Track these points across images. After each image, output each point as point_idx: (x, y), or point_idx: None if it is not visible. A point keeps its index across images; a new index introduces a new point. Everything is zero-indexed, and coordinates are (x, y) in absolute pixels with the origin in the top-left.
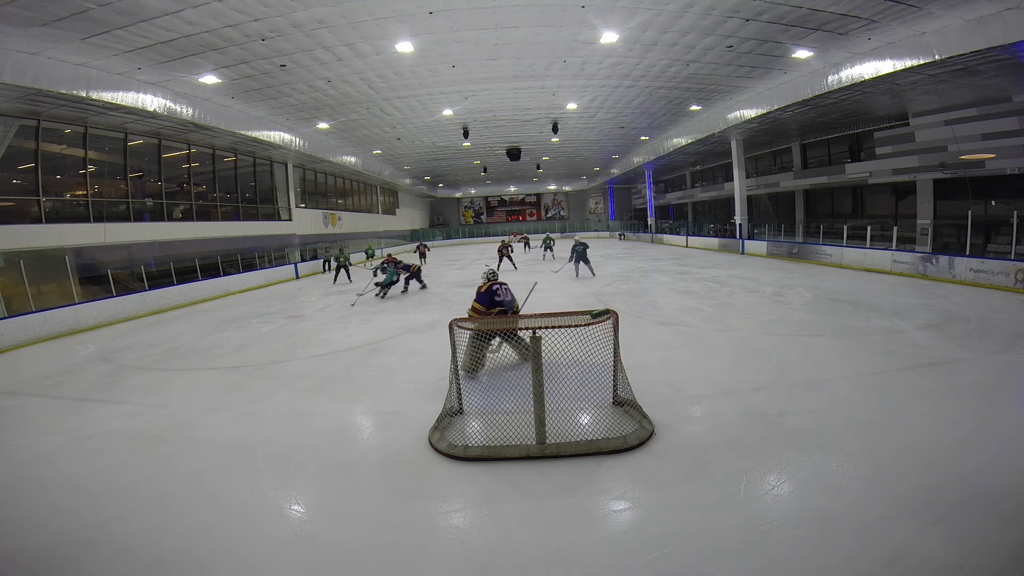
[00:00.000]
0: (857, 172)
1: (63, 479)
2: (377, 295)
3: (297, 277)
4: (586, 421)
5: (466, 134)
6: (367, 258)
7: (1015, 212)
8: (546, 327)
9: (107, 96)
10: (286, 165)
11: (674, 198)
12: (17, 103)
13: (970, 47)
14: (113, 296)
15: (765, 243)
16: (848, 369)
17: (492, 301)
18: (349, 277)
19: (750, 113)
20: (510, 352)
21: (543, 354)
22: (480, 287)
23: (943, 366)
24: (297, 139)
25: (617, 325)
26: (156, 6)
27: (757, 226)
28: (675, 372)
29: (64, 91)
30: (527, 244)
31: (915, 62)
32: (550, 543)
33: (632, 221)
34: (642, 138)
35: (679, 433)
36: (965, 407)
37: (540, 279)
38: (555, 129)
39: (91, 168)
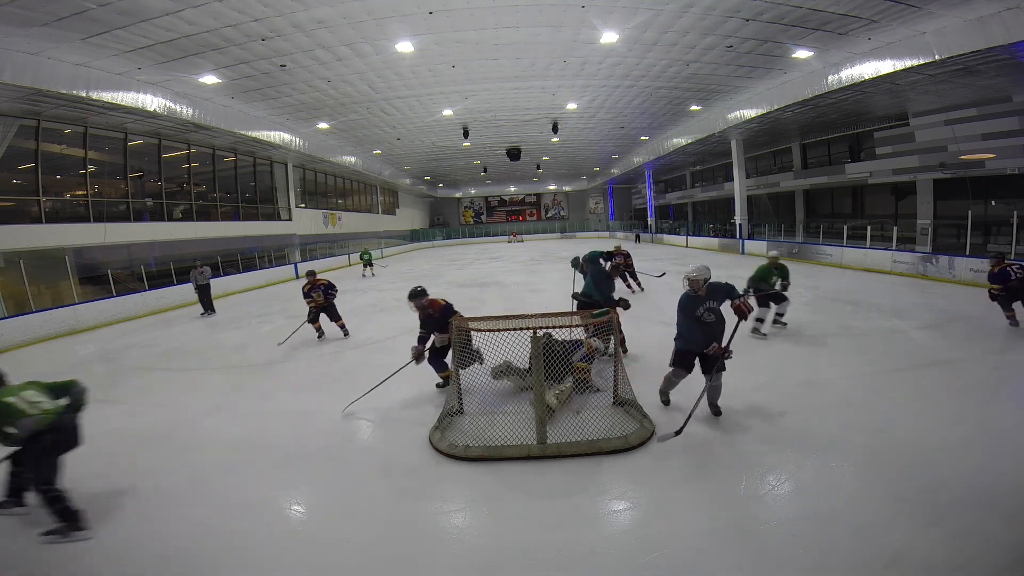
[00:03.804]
0: (857, 172)
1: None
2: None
3: (297, 277)
4: (586, 421)
5: (466, 134)
6: (365, 265)
7: (1015, 212)
8: (546, 327)
9: (107, 96)
10: (286, 165)
11: (674, 198)
12: (17, 103)
13: (970, 47)
14: (113, 296)
15: (765, 243)
16: (848, 369)
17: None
18: (205, 307)
19: (750, 113)
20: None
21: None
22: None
23: (943, 366)
24: (297, 139)
25: (618, 324)
26: (156, 6)
27: (757, 226)
28: None
29: (64, 91)
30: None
31: (915, 62)
32: (550, 543)
33: (632, 221)
34: (642, 138)
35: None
36: (965, 407)
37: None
38: (555, 129)
39: (91, 168)
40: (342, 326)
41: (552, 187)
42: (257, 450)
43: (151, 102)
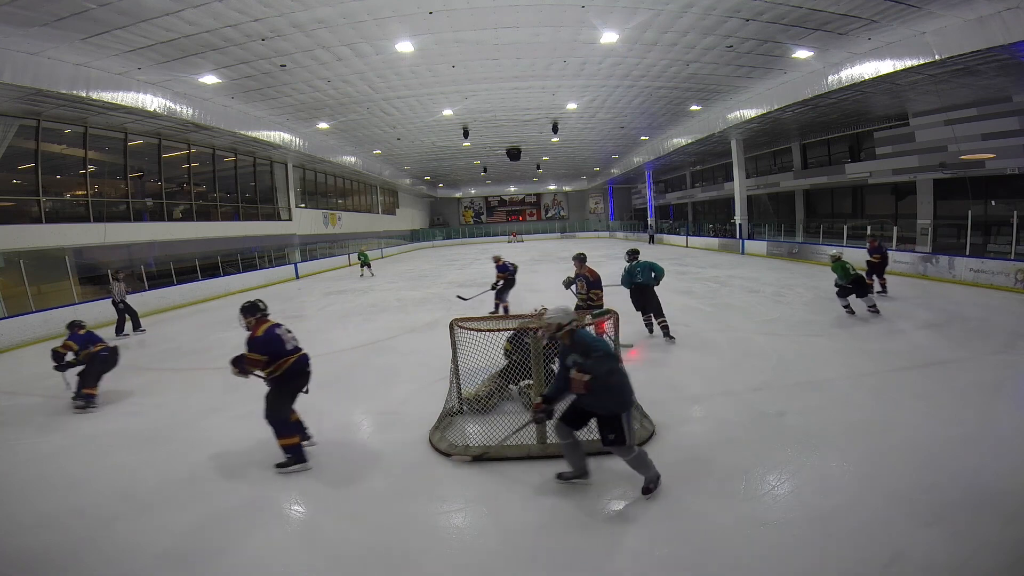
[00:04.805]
0: (857, 172)
1: (64, 479)
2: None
3: (297, 277)
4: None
5: (466, 134)
6: (362, 265)
7: (1015, 212)
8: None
9: (107, 96)
10: (286, 165)
11: (674, 198)
12: (17, 103)
13: (970, 47)
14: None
15: (765, 243)
16: (848, 369)
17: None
18: (123, 326)
19: (750, 113)
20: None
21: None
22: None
23: (943, 366)
24: (297, 139)
25: (617, 325)
26: (156, 6)
27: (757, 226)
28: (675, 372)
29: (64, 91)
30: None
31: (915, 62)
32: (550, 543)
33: (633, 221)
34: (642, 138)
35: (679, 433)
36: (965, 407)
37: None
38: (555, 129)
39: (91, 168)
40: (89, 395)
41: (552, 187)
42: (256, 450)
43: (151, 102)
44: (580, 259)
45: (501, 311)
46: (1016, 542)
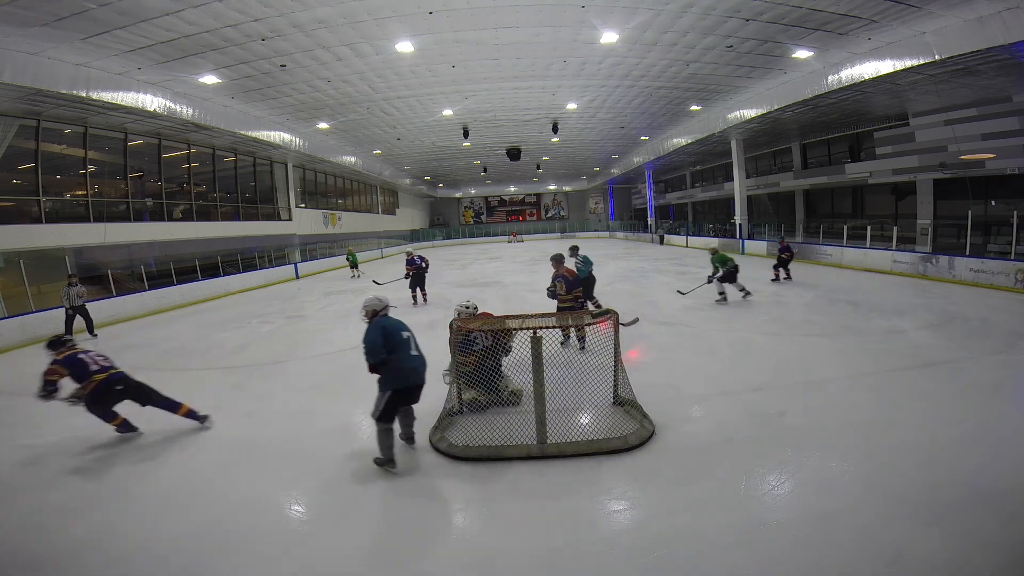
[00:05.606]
0: (857, 172)
1: (64, 479)
2: None
3: (297, 277)
4: (586, 421)
5: (466, 134)
6: (352, 266)
7: (1015, 212)
8: (546, 327)
9: (107, 96)
10: (286, 165)
11: (674, 198)
12: (17, 103)
13: (970, 47)
14: (113, 296)
15: (765, 243)
16: (848, 369)
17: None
18: (70, 331)
19: (750, 113)
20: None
21: (544, 354)
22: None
23: (943, 366)
24: (297, 139)
25: (617, 325)
26: (156, 6)
27: (757, 226)
28: (675, 372)
29: (64, 91)
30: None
31: (915, 62)
32: (550, 543)
33: (632, 221)
34: (642, 138)
35: (679, 433)
36: (965, 407)
37: None
38: (555, 129)
39: (91, 168)
40: None
41: (552, 187)
42: (257, 450)
43: (151, 102)
44: (558, 259)
45: (420, 299)
46: (1016, 542)
